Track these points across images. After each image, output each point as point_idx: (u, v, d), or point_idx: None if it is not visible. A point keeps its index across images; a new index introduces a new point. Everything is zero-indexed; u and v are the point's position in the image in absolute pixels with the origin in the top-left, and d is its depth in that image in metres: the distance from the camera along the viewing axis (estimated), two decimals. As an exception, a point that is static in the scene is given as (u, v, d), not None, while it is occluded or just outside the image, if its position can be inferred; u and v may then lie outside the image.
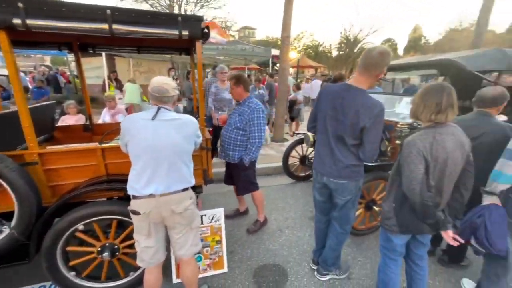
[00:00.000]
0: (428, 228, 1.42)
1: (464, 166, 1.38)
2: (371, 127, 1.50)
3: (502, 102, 1.83)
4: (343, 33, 13.72)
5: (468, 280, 2.00)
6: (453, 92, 1.31)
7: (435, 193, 1.37)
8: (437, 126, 1.33)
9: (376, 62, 1.47)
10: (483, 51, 2.66)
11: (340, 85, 1.68)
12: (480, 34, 7.14)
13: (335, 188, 1.76)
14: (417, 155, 1.30)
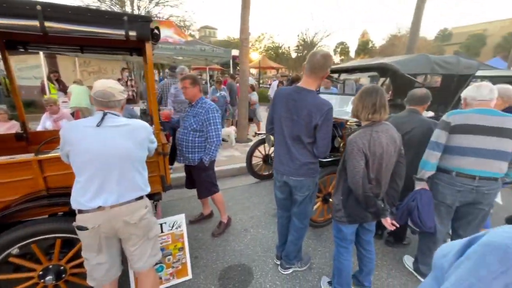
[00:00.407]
0: (371, 216, 1.60)
1: (397, 159, 1.58)
2: (322, 124, 1.62)
3: (427, 101, 2.15)
4: (300, 36, 14.40)
5: (408, 256, 2.28)
6: (384, 94, 1.50)
7: (376, 185, 1.54)
8: (374, 125, 1.51)
9: (320, 65, 1.60)
10: (412, 56, 3.06)
11: (291, 88, 1.77)
12: (413, 40, 8.20)
13: (294, 185, 1.86)
14: (358, 152, 1.46)
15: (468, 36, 35.06)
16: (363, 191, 1.46)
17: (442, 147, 1.76)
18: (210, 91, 5.80)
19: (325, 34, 13.93)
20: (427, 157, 1.82)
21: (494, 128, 1.61)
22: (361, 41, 45.43)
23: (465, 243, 0.52)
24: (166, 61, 9.31)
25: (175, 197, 3.46)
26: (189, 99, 2.40)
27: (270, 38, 30.33)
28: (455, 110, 1.80)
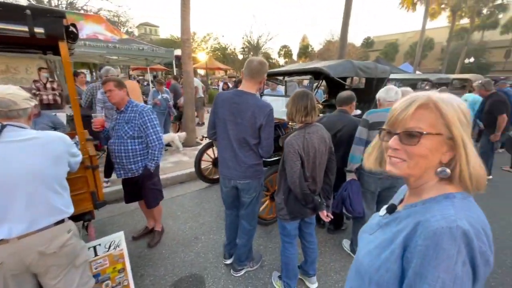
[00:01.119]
0: (310, 211, 1.74)
1: (328, 156, 1.75)
2: (266, 124, 1.71)
3: (351, 101, 2.44)
4: (245, 38, 14.67)
5: (346, 239, 2.57)
6: (314, 97, 1.65)
7: (312, 182, 1.68)
8: (307, 127, 1.64)
9: (257, 70, 1.71)
10: (340, 61, 3.46)
11: (232, 92, 1.82)
12: (343, 46, 9.24)
13: (241, 188, 1.91)
14: (294, 154, 1.57)
15: (386, 44, 41.45)
16: (301, 189, 1.58)
17: (364, 142, 2.03)
18: (151, 93, 5.39)
19: (268, 38, 14.51)
20: (353, 151, 2.09)
21: None
22: (301, 45, 48.96)
23: (401, 244, 0.56)
24: (98, 60, 8.28)
25: (116, 212, 3.12)
26: (116, 104, 2.15)
27: (216, 39, 30.11)
28: (372, 110, 2.10)
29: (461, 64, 22.71)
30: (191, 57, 5.22)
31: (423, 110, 0.58)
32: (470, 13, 19.24)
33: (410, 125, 0.58)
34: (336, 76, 3.15)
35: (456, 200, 0.56)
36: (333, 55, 18.65)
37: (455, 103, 0.58)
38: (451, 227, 0.49)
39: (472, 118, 4.86)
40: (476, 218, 0.53)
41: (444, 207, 0.55)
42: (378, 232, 0.70)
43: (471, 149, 0.56)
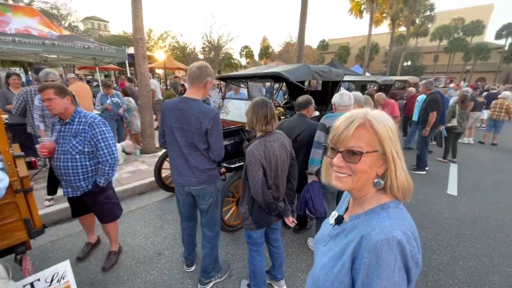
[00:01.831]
0: (275, 218, 1.76)
1: (290, 162, 1.79)
2: (212, 129, 1.71)
3: (308, 105, 2.53)
4: (205, 38, 14.33)
5: (311, 238, 2.68)
6: (273, 106, 1.66)
7: (275, 189, 1.70)
8: (267, 135, 1.64)
9: (196, 76, 1.71)
10: (298, 66, 3.58)
11: (177, 99, 1.79)
12: (301, 49, 9.66)
13: (197, 194, 1.89)
14: (256, 163, 1.56)
15: (339, 47, 44.73)
16: (264, 199, 1.58)
17: (322, 146, 2.13)
18: (98, 97, 4.86)
19: (229, 38, 14.42)
20: (313, 155, 2.18)
21: None
22: (262, 46, 49.87)
23: (350, 257, 0.62)
24: (33, 59, 7.21)
25: (62, 235, 2.75)
26: (59, 114, 1.88)
27: (174, 37, 28.83)
28: (328, 114, 2.22)
29: (401, 67, 25.73)
30: (145, 57, 4.88)
31: (361, 129, 0.64)
32: (406, 22, 21.87)
33: (351, 144, 0.64)
34: (294, 80, 3.25)
35: (390, 210, 0.64)
36: (292, 57, 19.39)
37: (385, 121, 0.65)
38: (388, 238, 0.56)
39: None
40: (407, 225, 0.61)
41: (382, 219, 0.62)
42: (330, 243, 0.75)
43: (399, 163, 0.64)
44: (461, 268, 2.34)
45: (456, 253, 2.54)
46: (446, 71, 36.79)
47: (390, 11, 18.02)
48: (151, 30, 29.92)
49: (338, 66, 15.66)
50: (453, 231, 2.91)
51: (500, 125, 6.65)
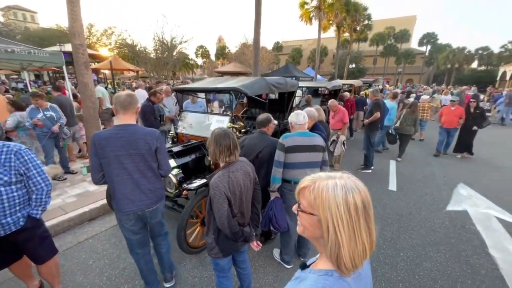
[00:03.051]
0: (241, 244, 1.80)
1: (253, 187, 1.82)
2: (160, 146, 1.88)
3: (268, 123, 2.62)
4: (156, 38, 13.49)
5: (276, 249, 2.79)
6: (234, 135, 1.68)
7: (240, 216, 1.73)
8: (230, 165, 1.65)
9: (128, 102, 1.81)
10: (255, 79, 3.67)
11: (113, 129, 1.80)
12: (257, 54, 9.87)
13: (150, 215, 1.96)
14: (221, 196, 1.56)
15: (292, 49, 46.95)
16: (230, 229, 1.60)
17: (282, 164, 2.25)
18: (28, 111, 4.18)
19: (183, 40, 13.85)
20: (274, 173, 2.28)
21: (309, 146, 2.26)
22: (218, 46, 49.23)
23: None
24: None
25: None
26: None
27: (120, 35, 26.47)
28: (286, 134, 2.33)
29: (347, 69, 28.37)
30: (88, 66, 4.37)
31: (305, 190, 0.70)
32: (349, 29, 24.17)
33: (299, 198, 0.72)
34: (253, 95, 3.34)
35: (331, 278, 0.65)
36: (249, 59, 19.64)
37: (341, 194, 0.63)
38: None
39: (392, 122, 6.28)
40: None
41: (317, 283, 0.65)
42: (292, 282, 0.79)
43: (341, 240, 0.62)
44: (402, 259, 2.73)
45: (398, 245, 2.95)
46: (383, 73, 41.92)
47: (335, 19, 19.65)
48: (91, 25, 26.89)
49: (292, 69, 16.45)
50: (395, 224, 3.37)
51: (424, 124, 7.89)
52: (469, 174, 5.21)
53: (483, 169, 5.59)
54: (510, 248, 2.93)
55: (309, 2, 18.48)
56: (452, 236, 3.14)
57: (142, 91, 7.91)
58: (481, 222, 3.44)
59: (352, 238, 0.63)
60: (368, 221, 0.66)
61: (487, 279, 2.46)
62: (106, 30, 28.34)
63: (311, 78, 17.17)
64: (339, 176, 0.70)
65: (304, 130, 2.35)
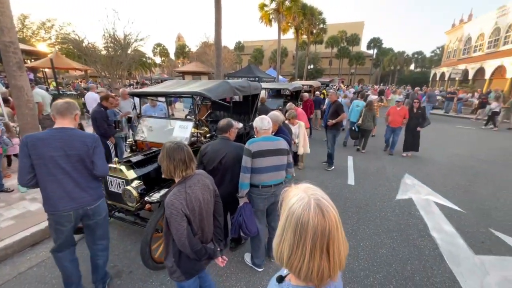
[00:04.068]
0: (206, 263, 1.68)
1: (214, 200, 1.70)
2: (96, 147, 1.97)
3: (229, 128, 2.57)
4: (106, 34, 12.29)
5: (248, 253, 2.79)
6: (187, 147, 1.56)
7: (201, 233, 1.59)
8: (187, 180, 1.52)
9: (65, 108, 1.91)
10: (218, 83, 3.62)
11: (49, 131, 1.88)
12: (219, 54, 9.75)
13: (93, 213, 2.04)
14: (178, 215, 1.41)
15: (254, 49, 47.49)
16: (192, 249, 1.46)
17: (250, 169, 2.26)
18: None
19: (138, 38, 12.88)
20: (242, 179, 2.28)
21: (274, 150, 2.32)
22: (178, 45, 47.22)
23: None
24: None
25: None
26: None
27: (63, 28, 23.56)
28: (252, 140, 2.33)
29: (307, 69, 29.84)
30: (22, 67, 3.80)
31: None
32: (306, 32, 25.45)
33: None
34: (217, 99, 3.28)
35: (283, 285, 0.73)
36: (211, 58, 19.25)
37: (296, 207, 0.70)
38: None
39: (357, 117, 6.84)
40: None
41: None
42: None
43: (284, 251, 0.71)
44: (362, 249, 2.98)
45: (358, 236, 3.22)
46: (338, 73, 45.11)
47: (293, 22, 20.46)
48: (25, 16, 23.39)
49: (255, 70, 16.66)
50: (355, 217, 3.67)
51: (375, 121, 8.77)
52: (412, 165, 5.94)
53: (422, 160, 6.43)
54: (445, 228, 3.42)
55: (268, 4, 18.91)
56: (401, 222, 3.54)
57: (93, 94, 7.18)
58: (423, 208, 3.95)
59: (295, 254, 0.68)
60: (326, 245, 0.67)
61: (430, 258, 2.83)
62: (44, 22, 24.93)
63: (273, 79, 17.61)
64: (312, 192, 0.72)
65: (269, 134, 2.40)
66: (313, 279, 0.69)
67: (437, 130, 10.36)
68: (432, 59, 47.22)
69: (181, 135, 3.27)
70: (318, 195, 0.73)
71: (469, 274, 2.60)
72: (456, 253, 2.92)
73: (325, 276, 0.69)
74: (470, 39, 25.23)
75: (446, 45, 32.02)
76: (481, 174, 5.46)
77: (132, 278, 2.47)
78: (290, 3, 18.51)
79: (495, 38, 21.16)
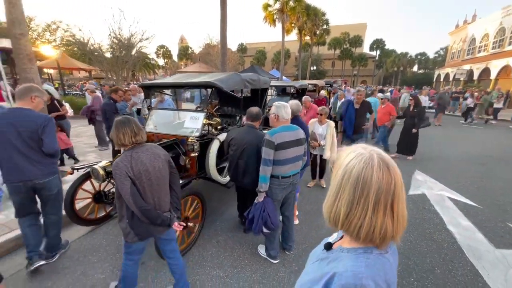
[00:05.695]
0: (161, 228, 1.79)
1: (169, 171, 1.85)
2: (45, 126, 2.15)
3: (259, 118, 2.62)
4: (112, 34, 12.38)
5: (261, 245, 2.73)
6: (135, 120, 1.74)
7: (157, 201, 1.75)
8: (135, 148, 1.69)
9: (22, 92, 2.17)
10: (230, 75, 3.57)
11: (6, 112, 2.16)
12: (224, 53, 9.75)
13: (42, 187, 2.26)
14: (121, 175, 1.58)
15: (256, 51, 47.61)
16: (138, 207, 1.61)
17: (272, 162, 2.19)
18: None
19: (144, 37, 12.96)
20: (263, 172, 2.20)
21: (295, 140, 2.25)
22: (181, 46, 47.52)
23: (323, 287, 0.63)
24: None
25: None
26: None
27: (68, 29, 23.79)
28: (274, 130, 2.23)
29: (309, 71, 29.82)
30: (33, 58, 3.80)
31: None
32: (310, 33, 25.45)
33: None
34: (228, 90, 3.23)
35: (372, 256, 0.65)
36: (215, 59, 19.32)
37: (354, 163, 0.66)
38: (356, 284, 0.59)
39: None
40: (383, 276, 0.62)
41: (359, 262, 0.63)
42: (315, 264, 0.78)
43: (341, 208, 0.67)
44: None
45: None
46: (341, 75, 45.04)
47: (297, 22, 20.48)
48: (31, 18, 23.67)
49: (258, 71, 16.65)
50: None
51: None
52: (422, 162, 5.84)
53: (431, 158, 6.32)
54: (463, 222, 3.33)
55: (272, 4, 18.96)
56: (417, 217, 3.46)
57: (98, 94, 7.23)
58: (437, 203, 3.86)
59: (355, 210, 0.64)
60: (391, 201, 0.62)
61: (449, 252, 2.75)
62: (50, 25, 25.19)
63: (277, 79, 17.59)
64: (372, 148, 0.68)
65: (289, 124, 2.33)
66: (374, 237, 0.63)
67: (443, 129, 10.24)
68: (436, 60, 47.00)
69: (193, 126, 3.23)
70: (379, 151, 0.68)
71: (491, 268, 2.51)
72: (476, 247, 2.83)
73: (388, 235, 0.63)
74: (474, 39, 25.09)
75: (449, 46, 31.87)
76: (493, 171, 5.35)
77: (145, 268, 2.42)
78: (294, 3, 18.54)
79: (500, 38, 21.03)
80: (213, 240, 2.89)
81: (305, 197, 3.99)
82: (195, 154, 2.95)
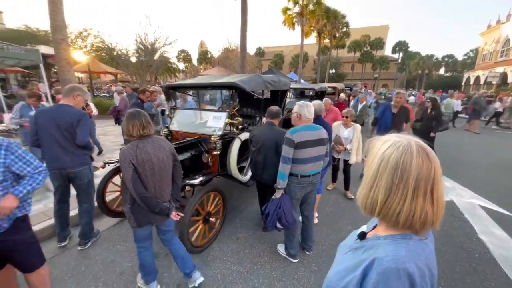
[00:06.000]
0: (159, 217, 1.90)
1: (173, 163, 1.95)
2: (79, 120, 2.40)
3: (278, 116, 2.68)
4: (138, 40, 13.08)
5: (281, 244, 2.74)
6: (146, 115, 1.85)
7: (159, 191, 1.85)
8: (142, 139, 1.80)
9: (68, 90, 2.50)
10: (251, 76, 3.65)
11: (54, 106, 2.56)
12: (243, 56, 9.93)
13: (74, 176, 2.51)
14: (125, 162, 1.71)
15: (274, 54, 47.78)
16: (138, 193, 1.72)
17: (291, 160, 2.21)
18: (17, 108, 3.82)
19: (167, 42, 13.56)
20: (283, 169, 2.23)
21: (317, 140, 2.26)
22: (200, 51, 48.92)
23: (361, 273, 0.64)
24: None
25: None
26: None
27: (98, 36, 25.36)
28: (294, 129, 2.25)
29: (328, 74, 29.39)
30: (71, 62, 4.14)
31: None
32: (329, 35, 25.14)
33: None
34: (250, 90, 3.31)
35: (412, 242, 0.65)
36: (233, 63, 19.69)
37: (391, 150, 0.67)
38: (398, 268, 0.59)
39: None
40: (424, 260, 0.62)
41: (399, 248, 0.64)
42: (349, 254, 0.78)
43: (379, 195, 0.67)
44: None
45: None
46: (361, 78, 43.84)
47: (316, 25, 20.35)
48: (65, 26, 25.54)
49: (276, 74, 16.72)
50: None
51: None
52: (451, 168, 5.53)
53: (460, 163, 5.97)
54: (495, 232, 3.12)
55: (292, 8, 19.02)
56: (445, 224, 3.28)
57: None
58: (468, 211, 3.65)
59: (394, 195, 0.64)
60: (431, 187, 0.63)
61: (481, 262, 2.59)
62: (81, 32, 27.04)
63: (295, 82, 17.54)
64: (408, 136, 0.69)
65: (311, 123, 2.34)
66: (414, 222, 0.64)
67: (473, 134, 9.63)
68: (465, 62, 44.33)
69: (215, 125, 3.33)
70: (417, 139, 0.69)
71: (530, 281, 2.33)
72: (511, 258, 2.64)
73: (428, 220, 0.64)
74: (508, 40, 23.40)
75: (480, 47, 29.96)
76: (532, 180, 4.95)
77: (169, 260, 2.52)
78: (314, 6, 18.47)
79: (539, 38, 19.45)
80: (233, 237, 2.95)
81: (325, 199, 3.93)
82: (217, 152, 3.03)
